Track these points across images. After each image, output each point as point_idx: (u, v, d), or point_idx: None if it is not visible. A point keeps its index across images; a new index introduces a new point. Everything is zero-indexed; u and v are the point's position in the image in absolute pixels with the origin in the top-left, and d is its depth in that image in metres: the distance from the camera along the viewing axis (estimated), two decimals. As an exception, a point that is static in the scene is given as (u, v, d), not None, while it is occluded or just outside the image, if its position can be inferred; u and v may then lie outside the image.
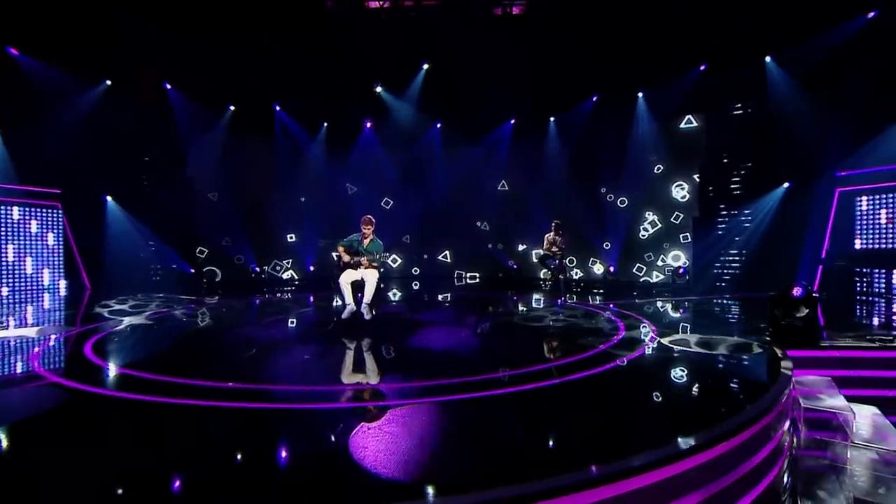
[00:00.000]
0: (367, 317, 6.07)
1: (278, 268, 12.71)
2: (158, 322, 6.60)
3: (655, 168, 11.39)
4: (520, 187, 13.12)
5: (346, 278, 6.10)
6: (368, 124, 13.06)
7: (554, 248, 9.51)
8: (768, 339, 4.88)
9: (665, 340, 4.97)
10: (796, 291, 4.61)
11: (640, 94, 11.03)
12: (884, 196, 8.98)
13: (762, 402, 2.96)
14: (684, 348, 4.71)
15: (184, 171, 11.67)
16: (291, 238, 12.86)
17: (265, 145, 12.28)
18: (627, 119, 11.26)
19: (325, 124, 12.76)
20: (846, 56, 8.23)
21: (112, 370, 4.07)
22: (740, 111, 9.94)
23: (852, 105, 8.19)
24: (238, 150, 11.84)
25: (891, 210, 8.91)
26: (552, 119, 12.58)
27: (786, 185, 9.74)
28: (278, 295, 9.91)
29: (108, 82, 10.36)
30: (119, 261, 10.80)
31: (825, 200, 9.25)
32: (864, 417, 3.54)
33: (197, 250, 12.03)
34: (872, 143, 8.55)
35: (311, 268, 12.69)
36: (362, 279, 6.19)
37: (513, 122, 12.88)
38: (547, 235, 9.67)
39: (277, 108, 12.22)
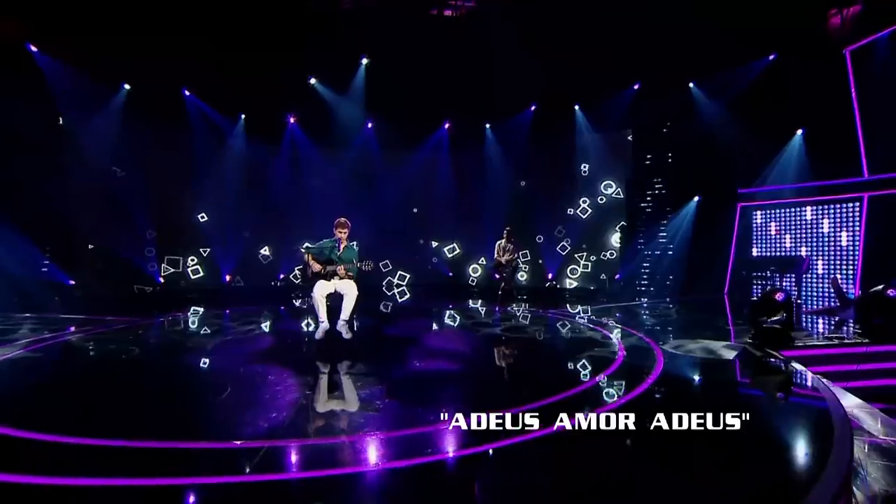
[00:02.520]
0: (346, 335, 5.27)
1: (190, 265, 10.77)
2: (49, 354, 5.03)
3: (581, 168, 12.08)
4: (455, 191, 12.92)
5: (321, 291, 5.24)
6: (292, 119, 11.85)
7: (506, 256, 9.45)
8: (750, 340, 5.25)
9: (668, 348, 5.04)
10: (779, 296, 4.98)
11: (577, 107, 11.56)
12: (773, 211, 10.51)
13: (842, 428, 2.94)
14: (694, 355, 4.81)
15: (60, 154, 9.31)
16: (203, 218, 11.02)
17: (172, 133, 10.41)
18: (564, 130, 11.74)
19: (243, 116, 11.28)
20: (752, 89, 9.49)
21: None
22: (666, 129, 10.91)
23: (755, 131, 9.45)
24: (137, 136, 9.84)
25: (778, 223, 10.46)
26: (488, 126, 12.65)
27: (696, 198, 10.92)
28: (192, 313, 8.34)
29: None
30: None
31: (732, 214, 10.55)
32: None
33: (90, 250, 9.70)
34: (770, 166, 9.97)
35: (227, 277, 11.00)
36: (336, 292, 5.37)
37: (447, 125, 12.71)
38: (499, 242, 9.57)
39: (187, 92, 10.44)
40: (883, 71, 8.47)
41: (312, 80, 11.07)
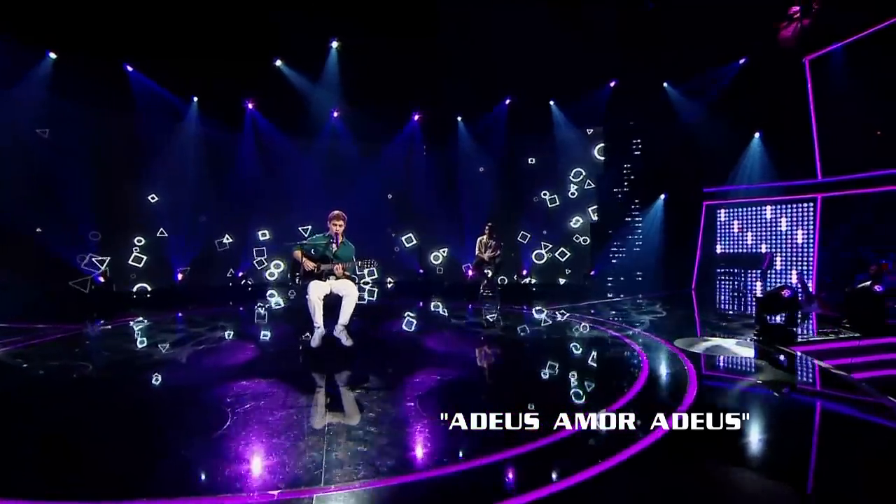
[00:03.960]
0: (347, 342, 4.70)
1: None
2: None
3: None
4: (427, 182, 12.45)
5: (318, 293, 4.64)
6: (251, 105, 10.84)
7: (488, 252, 9.15)
8: (755, 336, 5.28)
9: (680, 344, 4.94)
10: (785, 293, 5.03)
11: (552, 102, 11.47)
12: (735, 210, 10.97)
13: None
14: (715, 353, 4.73)
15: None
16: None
17: (114, 111, 9.16)
18: (539, 124, 11.61)
19: (196, 99, 10.16)
20: (722, 92, 9.82)
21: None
22: (639, 127, 11.05)
23: (723, 132, 9.79)
24: (70, 112, 8.53)
25: (740, 221, 10.94)
26: (459, 118, 12.28)
27: (662, 196, 11.18)
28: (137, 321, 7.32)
29: None
30: None
31: (698, 212, 10.91)
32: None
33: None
34: (734, 166, 10.39)
35: (180, 275, 9.84)
36: (333, 293, 4.80)
37: (417, 117, 12.21)
38: (480, 238, 9.26)
39: (129, 68, 9.19)
40: (838, 80, 9.03)
41: (278, 63, 10.16)
